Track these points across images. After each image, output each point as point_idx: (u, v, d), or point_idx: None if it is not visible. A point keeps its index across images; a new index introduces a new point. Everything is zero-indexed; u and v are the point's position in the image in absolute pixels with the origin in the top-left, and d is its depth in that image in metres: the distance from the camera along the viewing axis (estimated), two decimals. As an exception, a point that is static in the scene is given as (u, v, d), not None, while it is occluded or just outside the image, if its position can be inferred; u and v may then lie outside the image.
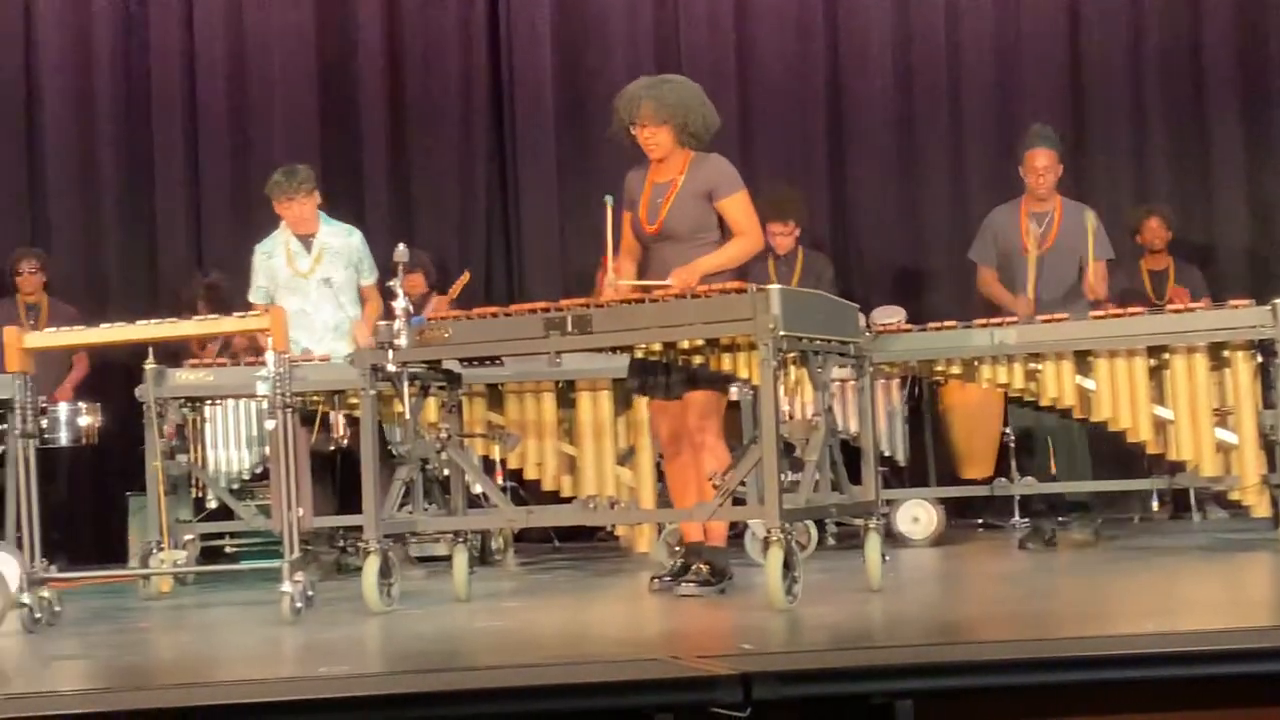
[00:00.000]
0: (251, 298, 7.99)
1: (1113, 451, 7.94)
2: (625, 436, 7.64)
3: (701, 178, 6.08)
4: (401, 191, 10.46)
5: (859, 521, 6.10)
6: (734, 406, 7.03)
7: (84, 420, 8.51)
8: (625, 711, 3.73)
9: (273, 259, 7.95)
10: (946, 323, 7.61)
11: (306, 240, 7.93)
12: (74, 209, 10.23)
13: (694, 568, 5.98)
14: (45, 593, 5.77)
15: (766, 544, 5.31)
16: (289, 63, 10.40)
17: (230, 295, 8.93)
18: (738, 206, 6.10)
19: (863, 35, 10.63)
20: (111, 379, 9.28)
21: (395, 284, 5.86)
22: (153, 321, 6.24)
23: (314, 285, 7.89)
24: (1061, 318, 7.35)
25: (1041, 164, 7.95)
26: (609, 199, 6.18)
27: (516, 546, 8.47)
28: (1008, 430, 8.42)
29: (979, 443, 8.68)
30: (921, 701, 3.68)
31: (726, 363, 5.61)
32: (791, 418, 6.38)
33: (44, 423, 7.83)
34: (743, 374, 5.61)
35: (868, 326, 7.53)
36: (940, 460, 8.67)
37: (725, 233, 6.11)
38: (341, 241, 7.97)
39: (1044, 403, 7.36)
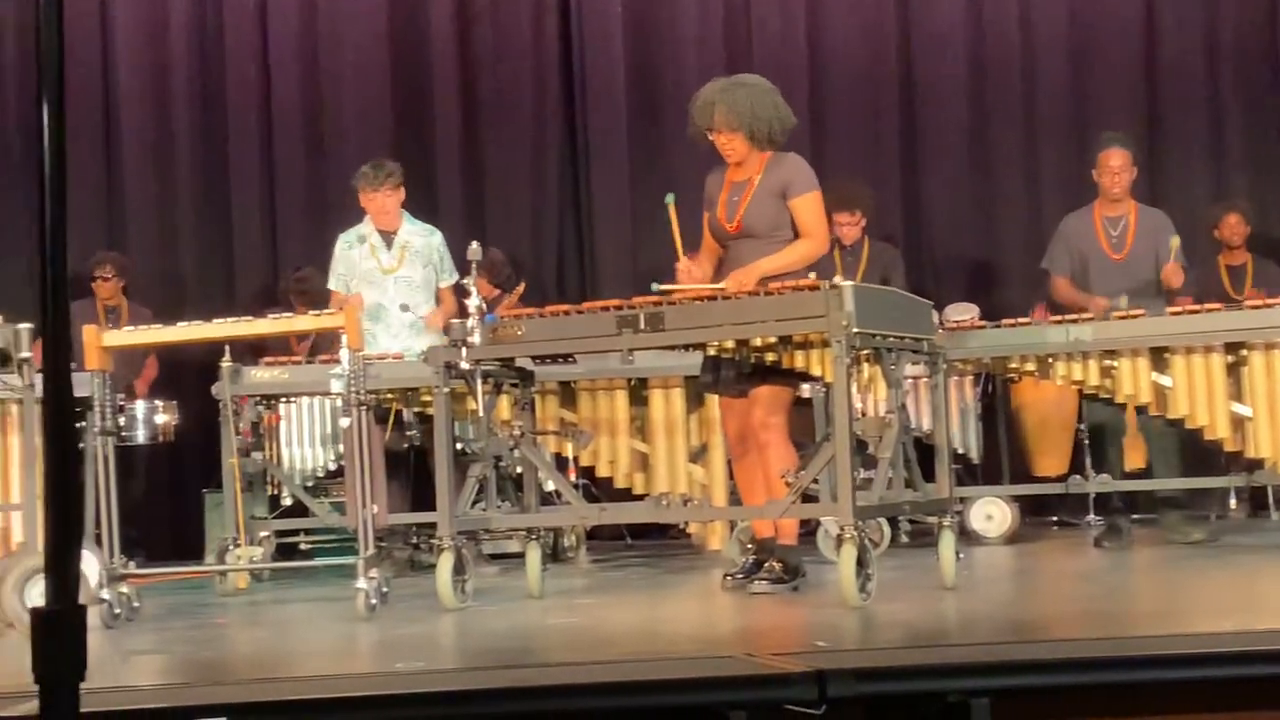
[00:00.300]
0: (330, 285, 8.08)
1: (1189, 449, 7.86)
2: (697, 434, 7.63)
3: (777, 176, 6.08)
4: (473, 189, 10.50)
5: (933, 519, 6.09)
6: (806, 404, 7.01)
7: (161, 418, 8.57)
8: (699, 709, 3.72)
9: (353, 250, 8.01)
10: (1020, 319, 7.56)
11: (388, 236, 7.98)
12: (150, 209, 10.32)
13: (767, 565, 5.98)
14: (124, 588, 5.84)
15: (839, 541, 5.29)
16: (362, 60, 10.45)
17: (320, 289, 8.98)
18: (808, 207, 6.08)
19: (935, 31, 10.58)
20: (188, 377, 9.35)
21: (469, 282, 5.89)
22: (229, 320, 6.30)
23: (394, 282, 7.95)
24: (1138, 313, 7.28)
25: (1116, 164, 7.86)
26: (670, 198, 6.19)
27: (589, 544, 8.48)
28: (1082, 427, 8.36)
29: (1053, 440, 8.63)
30: (997, 700, 3.65)
31: (799, 360, 5.59)
32: (864, 415, 6.35)
33: (122, 420, 7.90)
34: (815, 371, 5.60)
35: (940, 323, 7.49)
36: (1014, 457, 8.63)
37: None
38: (423, 241, 8.03)
39: (1119, 399, 7.30)
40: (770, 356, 5.67)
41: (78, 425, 7.05)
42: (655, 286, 6.02)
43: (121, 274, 9.36)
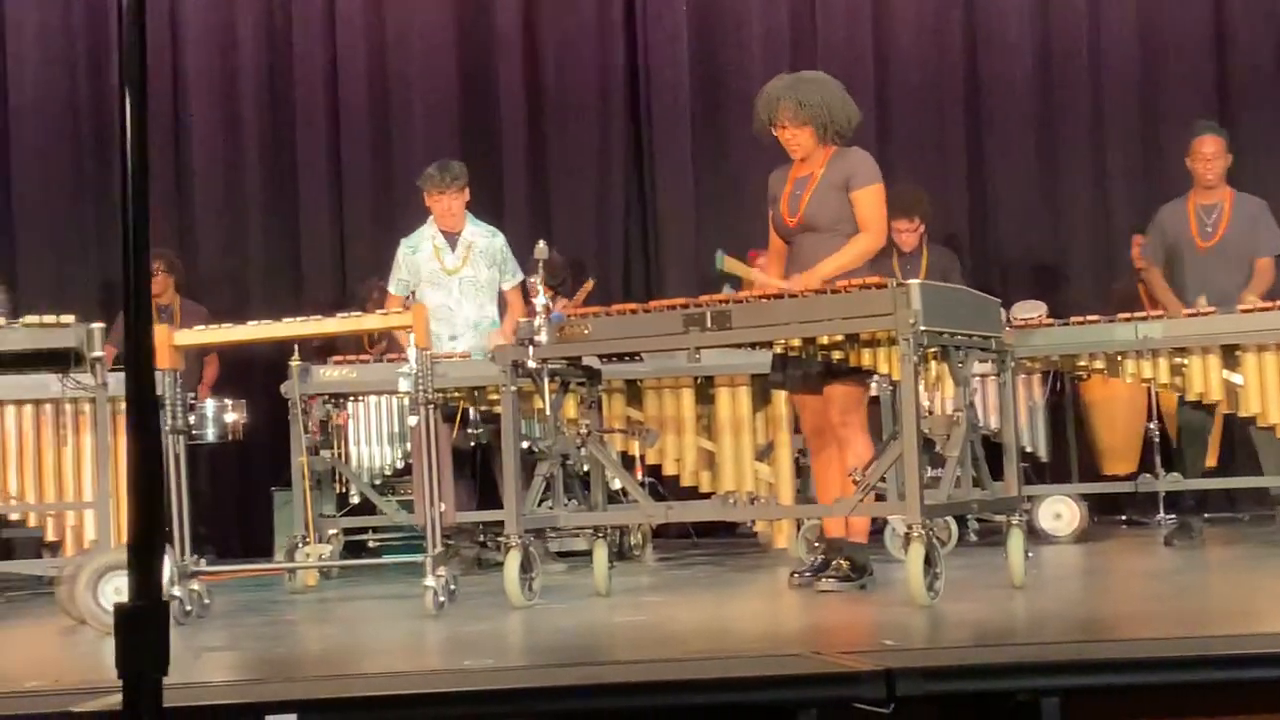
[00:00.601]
0: (391, 289, 8.10)
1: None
2: (764, 432, 7.62)
3: (841, 169, 6.06)
4: (539, 189, 10.53)
5: (1001, 518, 6.05)
6: (874, 402, 6.99)
7: (230, 417, 8.66)
8: (767, 707, 3.72)
9: (417, 253, 8.03)
10: (1089, 317, 7.51)
11: (451, 238, 8.01)
12: (219, 211, 10.40)
13: (834, 563, 5.97)
14: (195, 586, 5.89)
15: (907, 540, 5.27)
16: (428, 62, 10.50)
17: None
18: (869, 199, 6.06)
19: (1001, 26, 10.52)
20: (256, 376, 9.43)
21: (535, 281, 5.91)
22: (298, 319, 6.35)
23: (458, 283, 7.98)
24: (1208, 311, 7.21)
25: (1209, 150, 7.74)
26: (719, 257, 6.15)
27: (655, 542, 8.49)
28: (1151, 425, 8.29)
29: (1122, 438, 8.58)
30: (1067, 699, 3.63)
31: (866, 358, 5.58)
32: (932, 413, 6.33)
33: (192, 419, 7.98)
34: (883, 369, 5.58)
35: (1008, 321, 7.45)
36: (1082, 456, 8.58)
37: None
38: (486, 242, 8.05)
39: (1190, 397, 7.24)
40: (837, 355, 5.66)
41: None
42: (720, 255, 6.03)
43: (170, 271, 9.33)
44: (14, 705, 3.94)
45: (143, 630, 2.04)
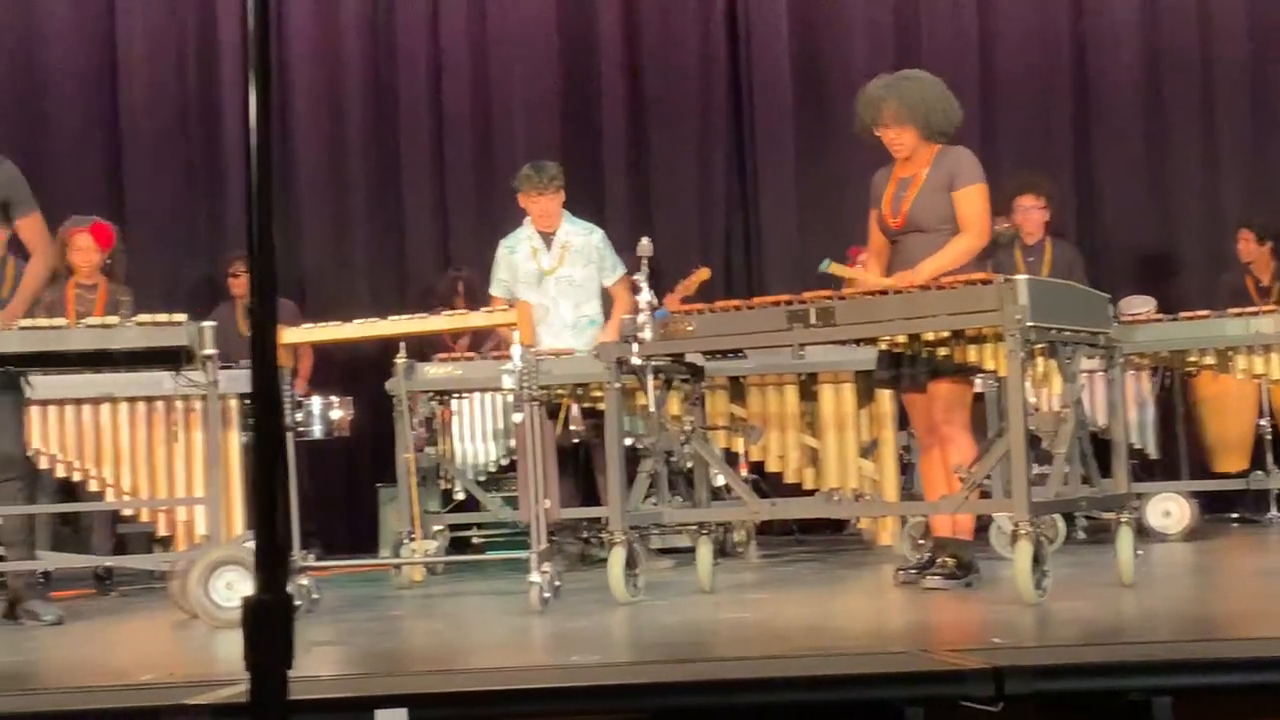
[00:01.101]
0: (492, 290, 8.14)
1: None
2: (868, 429, 7.58)
3: (945, 169, 6.02)
4: (640, 186, 10.54)
5: (1109, 515, 5.99)
6: (979, 399, 6.95)
7: (336, 414, 8.73)
8: (874, 704, 3.71)
9: (515, 254, 8.07)
10: (1199, 312, 7.41)
11: (548, 237, 8.04)
12: (324, 209, 10.49)
13: (940, 561, 5.93)
14: (304, 581, 5.95)
15: (1015, 538, 5.23)
16: (530, 60, 10.54)
17: (481, 289, 9.08)
18: (971, 199, 6.00)
19: (1109, 17, 10.41)
20: (361, 373, 9.50)
21: (639, 278, 5.93)
22: (403, 317, 6.39)
23: (554, 282, 8.00)
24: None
25: None
26: (826, 263, 6.14)
27: (758, 539, 8.47)
28: (1263, 422, 8.17)
29: (1233, 435, 8.46)
30: (1179, 699, 3.59)
31: (973, 354, 5.54)
32: (1038, 410, 6.27)
33: (298, 416, 8.06)
34: (989, 366, 5.54)
35: (1116, 316, 7.36)
36: (1192, 453, 8.46)
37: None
38: (583, 240, 8.06)
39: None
40: (942, 352, 5.62)
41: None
42: (826, 261, 6.02)
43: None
44: (129, 698, 4.01)
45: (269, 624, 2.07)
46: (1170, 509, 7.96)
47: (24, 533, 6.19)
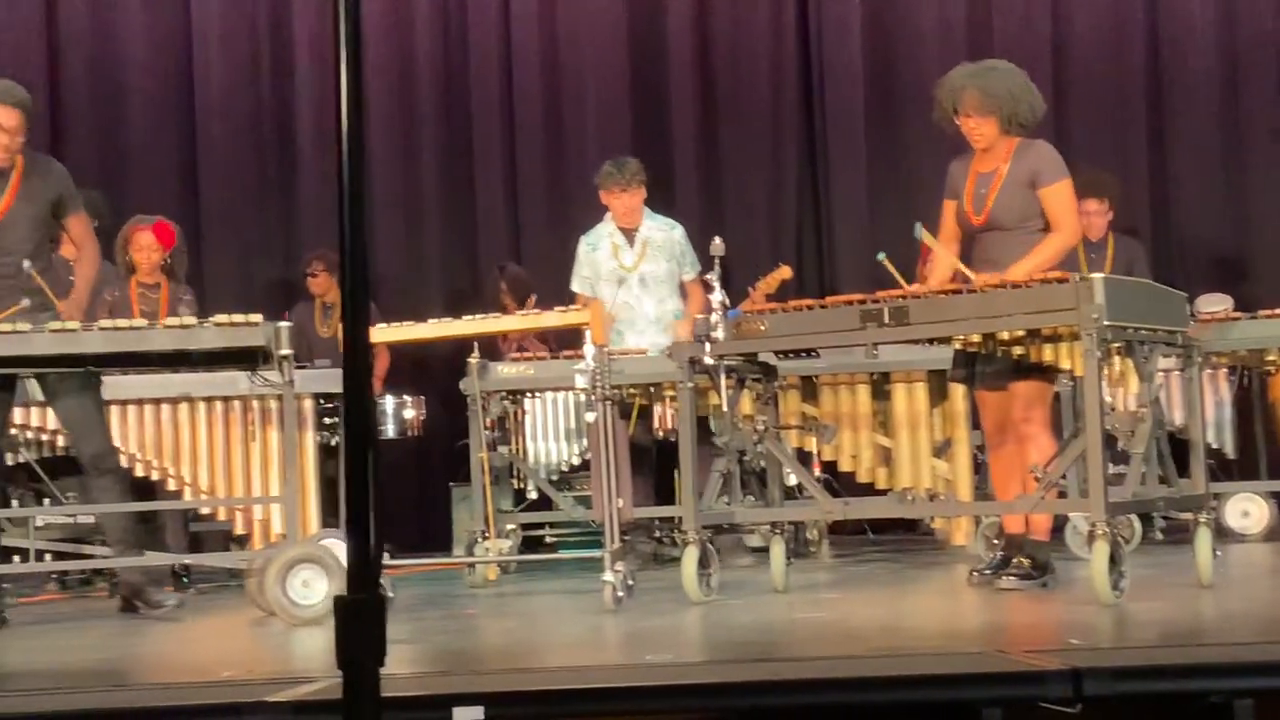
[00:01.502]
0: (575, 287, 8.11)
1: None
2: (941, 428, 7.54)
3: (1026, 165, 5.97)
4: (711, 185, 10.52)
5: (1187, 516, 5.93)
6: (1055, 398, 6.90)
7: (409, 413, 8.79)
8: (951, 705, 3.70)
9: (596, 251, 8.06)
10: (1277, 310, 7.34)
11: (630, 234, 8.02)
12: (396, 207, 10.54)
13: (1015, 561, 5.90)
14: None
15: (1091, 538, 5.19)
16: (601, 57, 10.55)
17: (530, 285, 9.12)
18: (1059, 196, 5.96)
19: (1184, 14, 10.31)
20: (433, 372, 9.55)
21: (712, 277, 5.93)
22: (476, 317, 6.42)
23: (636, 279, 8.00)
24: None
25: None
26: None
27: (830, 539, 8.46)
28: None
29: (1313, 434, 8.36)
30: (1262, 701, 3.56)
31: (1048, 353, 5.50)
32: (1114, 409, 6.22)
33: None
34: (1065, 365, 5.50)
35: (1193, 315, 7.30)
36: (1271, 452, 8.37)
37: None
38: (664, 236, 8.05)
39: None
40: (1017, 351, 5.59)
41: (331, 420, 7.27)
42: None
43: (333, 270, 9.39)
44: (210, 694, 4.05)
45: (361, 621, 2.09)
46: (1249, 509, 7.89)
47: (128, 530, 6.27)
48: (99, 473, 6.19)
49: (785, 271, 8.91)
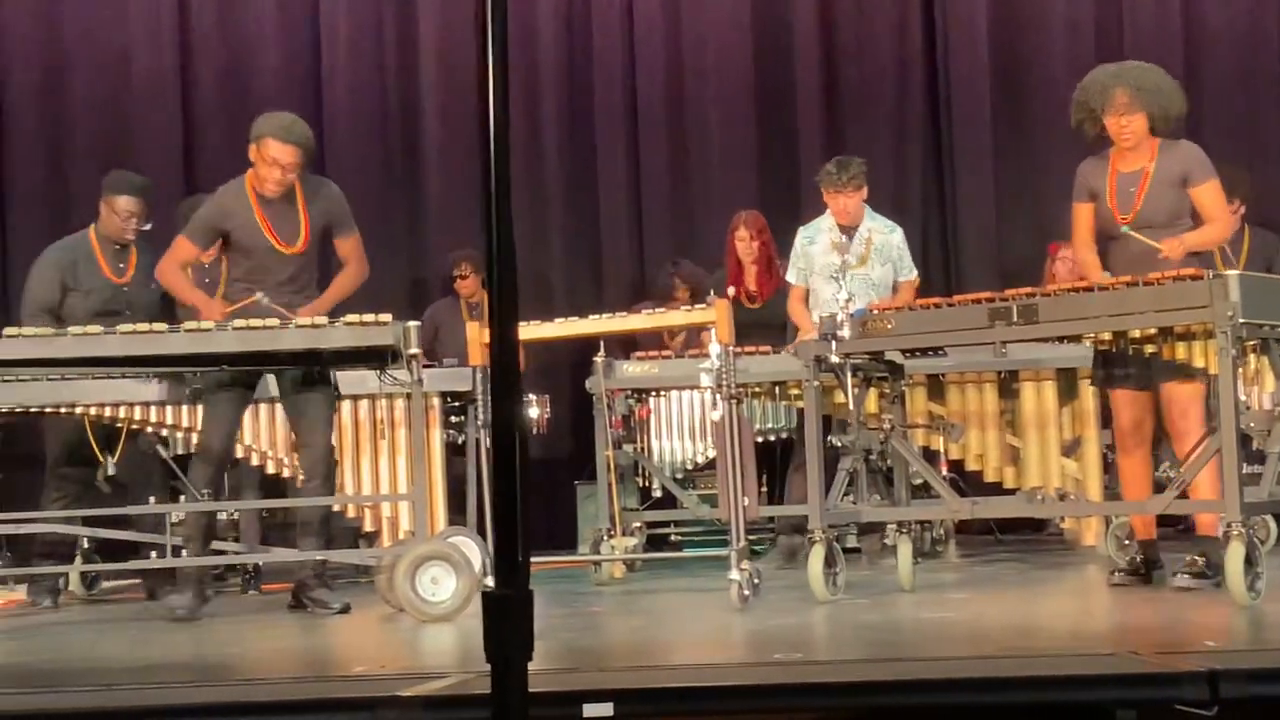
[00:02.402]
0: (789, 277, 7.95)
1: None
2: (1070, 427, 7.46)
3: (1174, 164, 5.90)
4: (837, 184, 10.47)
5: (1324, 516, 5.83)
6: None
7: (534, 411, 8.83)
8: (1084, 707, 3.67)
9: (813, 245, 7.85)
10: None
11: (850, 230, 7.87)
12: (520, 210, 10.53)
13: (1189, 559, 5.78)
14: (506, 576, 6.01)
15: (1226, 539, 5.12)
16: (725, 58, 10.54)
17: (704, 281, 9.11)
18: (1211, 194, 5.90)
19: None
20: (558, 370, 9.59)
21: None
22: (603, 316, 6.45)
23: (852, 279, 7.77)
24: None
25: None
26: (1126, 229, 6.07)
27: (957, 538, 8.40)
28: None
29: None
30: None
31: (1181, 351, 5.43)
32: (1250, 408, 6.12)
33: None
34: (1198, 363, 5.42)
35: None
36: None
37: (1196, 220, 5.93)
38: (883, 238, 7.85)
39: None
40: (1150, 348, 5.52)
41: (458, 418, 7.33)
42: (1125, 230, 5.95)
43: (479, 271, 9.46)
44: (343, 688, 4.11)
45: (509, 617, 2.12)
46: (1389, 510, 7.71)
47: (319, 524, 6.38)
48: (311, 476, 6.31)
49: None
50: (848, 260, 7.00)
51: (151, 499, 7.00)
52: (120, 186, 7.26)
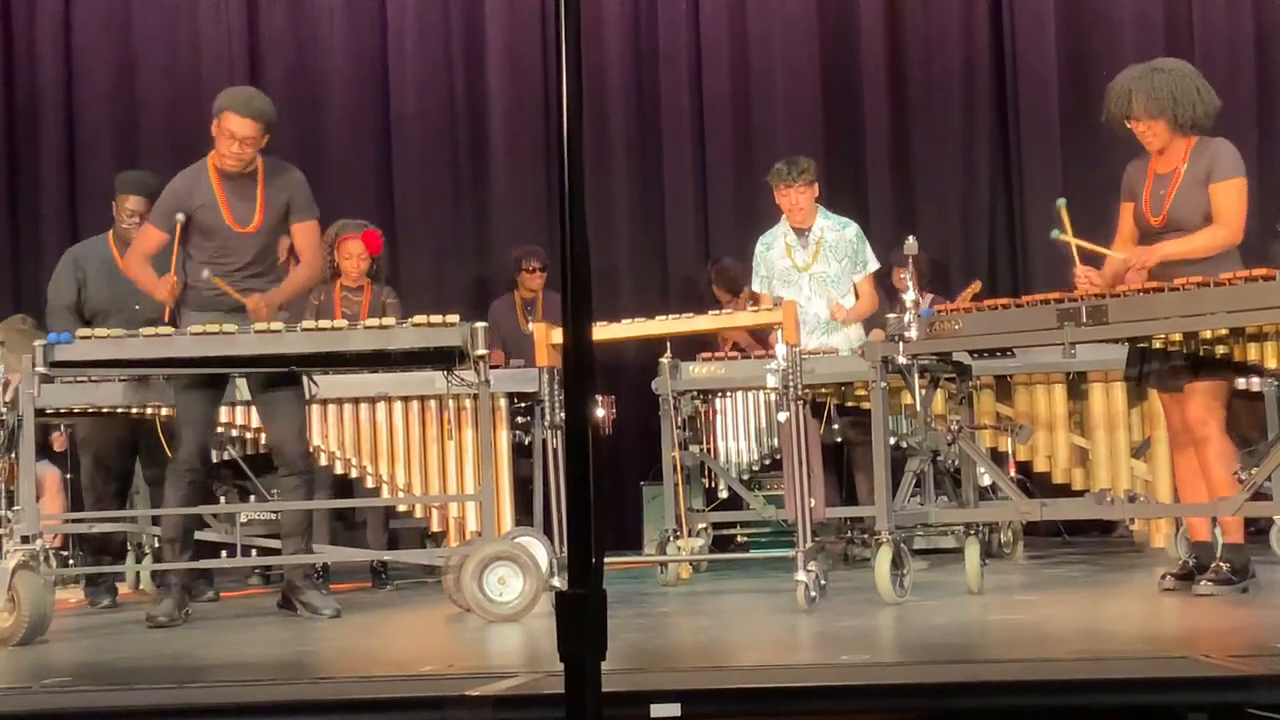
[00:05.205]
0: (754, 288, 8.13)
1: None
2: (1139, 428, 7.41)
3: (1202, 162, 5.80)
4: (903, 182, 10.45)
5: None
6: (1257, 398, 6.75)
7: (600, 412, 8.84)
8: (1156, 709, 3.64)
9: (770, 250, 8.02)
10: None
11: (803, 233, 7.97)
12: (590, 205, 10.57)
13: (1213, 565, 5.75)
14: (573, 576, 6.03)
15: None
16: (791, 56, 10.53)
17: (741, 279, 9.11)
18: (1226, 192, 5.75)
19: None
20: (624, 371, 9.60)
21: (906, 276, 5.89)
22: (670, 317, 6.45)
23: (807, 279, 7.94)
24: None
25: None
26: (1061, 203, 6.04)
27: (1024, 540, 8.35)
28: None
29: None
30: None
31: (1252, 352, 5.38)
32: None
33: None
34: (1270, 364, 5.37)
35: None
36: None
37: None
38: (835, 235, 7.96)
39: None
40: (1220, 349, 5.47)
41: (524, 419, 7.35)
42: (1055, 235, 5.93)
43: (544, 268, 9.45)
44: (412, 687, 4.13)
45: (583, 616, 2.13)
46: None
47: (302, 527, 6.42)
48: (288, 472, 6.35)
49: (976, 286, 8.84)
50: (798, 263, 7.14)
51: (222, 499, 7.06)
52: (129, 186, 7.30)
